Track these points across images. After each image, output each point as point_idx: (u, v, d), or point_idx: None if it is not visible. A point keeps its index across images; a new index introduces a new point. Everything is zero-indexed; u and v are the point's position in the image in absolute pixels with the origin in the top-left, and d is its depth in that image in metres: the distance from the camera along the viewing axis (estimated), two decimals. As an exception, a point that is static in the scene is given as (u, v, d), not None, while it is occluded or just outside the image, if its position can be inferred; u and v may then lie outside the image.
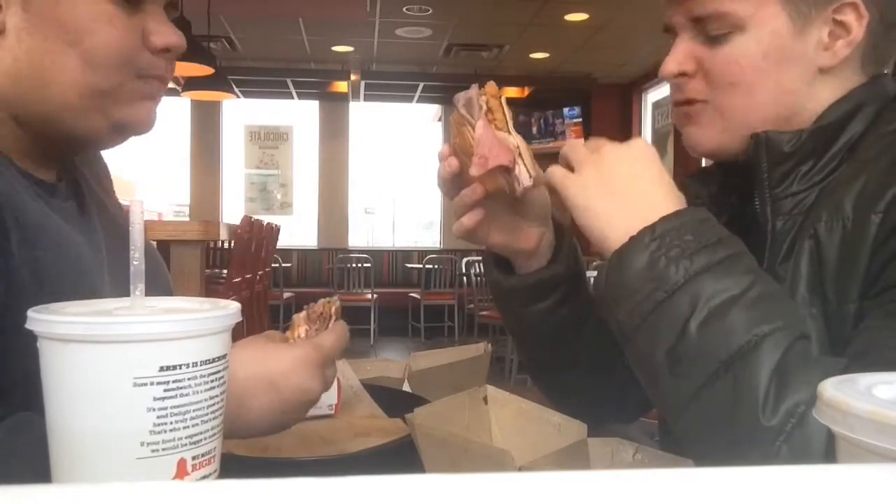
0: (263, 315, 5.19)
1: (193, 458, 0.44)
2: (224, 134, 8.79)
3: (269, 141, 8.74)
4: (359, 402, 0.99)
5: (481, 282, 7.03)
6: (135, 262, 0.45)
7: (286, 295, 7.69)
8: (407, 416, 0.72)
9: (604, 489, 0.22)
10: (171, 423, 0.43)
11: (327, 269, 8.33)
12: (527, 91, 8.20)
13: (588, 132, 8.29)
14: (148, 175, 8.63)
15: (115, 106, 0.75)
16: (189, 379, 0.43)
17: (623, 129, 8.26)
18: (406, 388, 1.07)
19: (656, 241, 0.65)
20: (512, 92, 8.31)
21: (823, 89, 0.77)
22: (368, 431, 0.91)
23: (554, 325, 0.87)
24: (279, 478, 0.21)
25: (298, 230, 8.73)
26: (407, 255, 8.94)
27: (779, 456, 0.58)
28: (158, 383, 0.42)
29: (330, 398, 0.96)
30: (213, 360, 0.45)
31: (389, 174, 9.73)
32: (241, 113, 8.85)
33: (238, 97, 7.65)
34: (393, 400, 0.97)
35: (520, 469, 0.62)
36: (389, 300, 8.08)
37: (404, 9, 6.02)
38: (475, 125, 0.72)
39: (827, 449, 0.56)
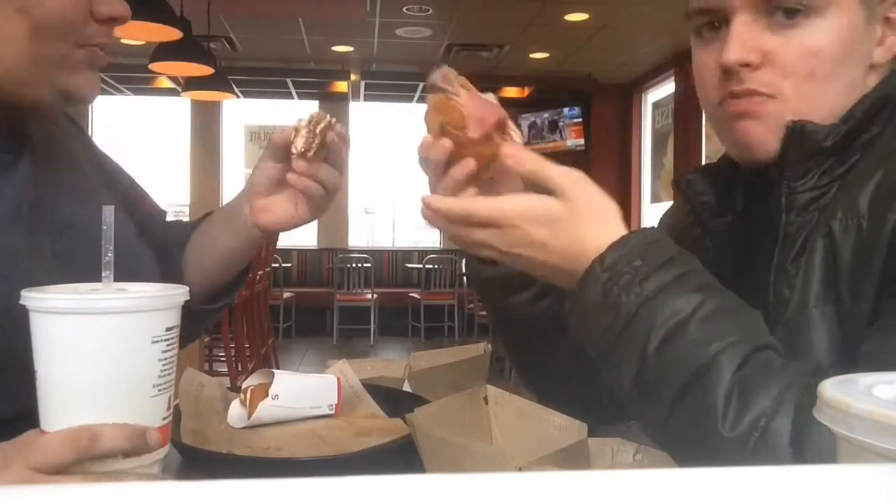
0: (263, 315, 5.18)
1: (171, 396, 0.62)
2: (224, 134, 8.78)
3: (268, 141, 8.72)
4: (359, 401, 0.99)
5: (481, 282, 7.02)
6: (107, 256, 0.60)
7: (286, 295, 7.69)
8: (407, 416, 0.72)
9: (604, 489, 0.22)
10: (168, 370, 0.60)
11: (327, 268, 8.33)
12: (527, 91, 8.20)
13: (588, 132, 8.29)
14: (148, 175, 8.62)
15: (59, 74, 0.76)
16: (174, 337, 0.61)
17: (623, 129, 8.27)
18: (406, 388, 1.07)
19: (606, 271, 0.65)
20: (512, 92, 8.31)
21: (868, 86, 0.74)
22: (369, 431, 0.91)
23: (534, 320, 0.85)
24: (279, 478, 0.21)
25: (298, 230, 8.68)
26: (407, 255, 8.93)
27: (749, 465, 0.58)
28: (164, 340, 0.59)
29: (330, 398, 0.96)
30: (178, 325, 0.62)
31: (389, 174, 9.73)
32: (241, 113, 8.85)
33: (238, 97, 7.65)
34: (393, 400, 0.97)
35: (520, 469, 0.62)
36: (389, 300, 8.07)
37: (404, 9, 6.02)
38: (460, 95, 0.72)
39: (793, 457, 0.57)
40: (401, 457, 0.76)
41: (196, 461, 0.81)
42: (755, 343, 0.62)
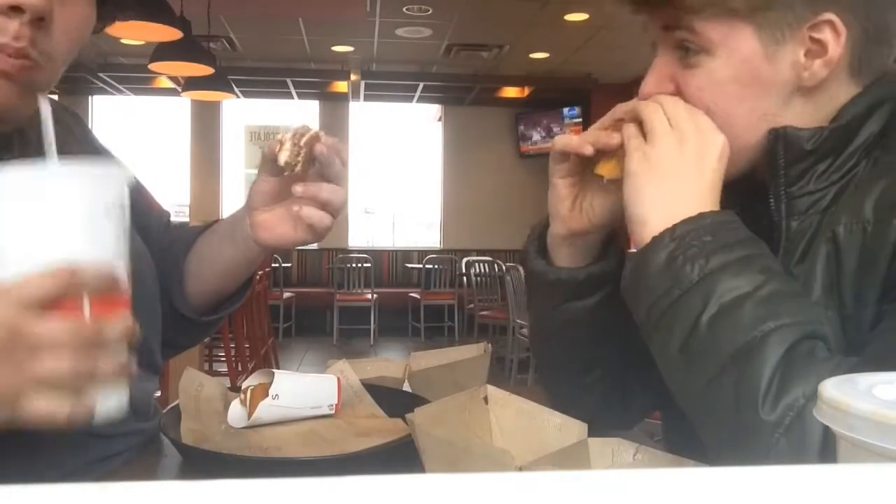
0: (263, 315, 5.19)
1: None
2: (224, 134, 8.79)
3: (269, 141, 8.71)
4: (359, 401, 0.99)
5: (481, 282, 7.03)
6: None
7: (286, 295, 7.69)
8: (407, 416, 0.72)
9: (604, 489, 0.22)
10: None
11: (327, 269, 8.32)
12: (527, 91, 8.19)
13: (588, 132, 8.28)
14: (148, 175, 8.62)
15: None
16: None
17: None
18: (406, 387, 1.07)
19: (675, 241, 0.67)
20: (512, 92, 8.31)
21: (805, 107, 0.74)
22: (369, 431, 0.91)
23: (588, 326, 0.86)
24: (279, 478, 0.21)
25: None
26: (407, 255, 8.93)
27: (777, 448, 0.59)
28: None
29: (330, 398, 0.96)
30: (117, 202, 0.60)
31: (389, 174, 9.73)
32: (241, 113, 8.85)
33: (238, 97, 7.64)
34: (393, 400, 0.97)
35: (520, 469, 0.62)
36: (389, 300, 8.07)
37: (404, 9, 6.02)
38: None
39: (823, 441, 0.58)
40: (402, 457, 0.76)
41: (197, 461, 0.81)
42: (807, 329, 0.63)
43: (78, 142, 0.92)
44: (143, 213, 0.98)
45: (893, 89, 0.74)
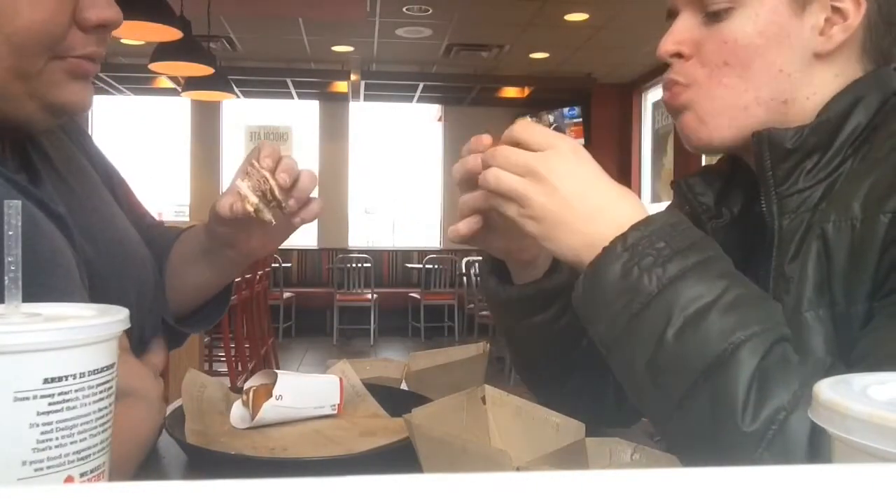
0: (263, 315, 5.19)
1: (81, 474, 0.41)
2: (224, 134, 8.79)
3: (269, 141, 8.74)
4: (361, 401, 1.00)
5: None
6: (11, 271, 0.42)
7: (286, 295, 7.69)
8: (404, 417, 0.73)
9: (602, 489, 0.22)
10: (57, 438, 0.39)
11: (327, 268, 8.33)
12: (527, 91, 8.20)
13: (588, 132, 8.29)
14: (148, 175, 8.62)
15: (44, 88, 0.71)
16: (77, 391, 0.40)
17: (623, 129, 8.26)
18: (404, 388, 1.07)
19: (628, 251, 0.64)
20: (512, 92, 8.31)
21: (819, 76, 0.75)
22: (373, 431, 0.91)
23: (553, 336, 0.85)
24: (279, 477, 0.21)
25: (299, 230, 8.70)
26: (407, 255, 8.93)
27: (761, 462, 0.57)
28: (42, 397, 0.39)
29: (333, 398, 0.96)
30: (102, 370, 0.42)
31: (389, 174, 9.73)
32: (241, 113, 8.84)
33: (238, 97, 7.65)
34: (394, 399, 0.97)
35: (518, 469, 0.62)
36: (389, 300, 8.07)
37: (404, 9, 6.02)
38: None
39: (808, 453, 0.57)
40: (410, 456, 0.76)
41: (203, 462, 0.81)
42: (776, 334, 0.61)
43: (78, 151, 0.92)
44: (130, 215, 0.97)
45: (877, 84, 0.75)
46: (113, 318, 0.42)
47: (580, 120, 8.32)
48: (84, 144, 0.97)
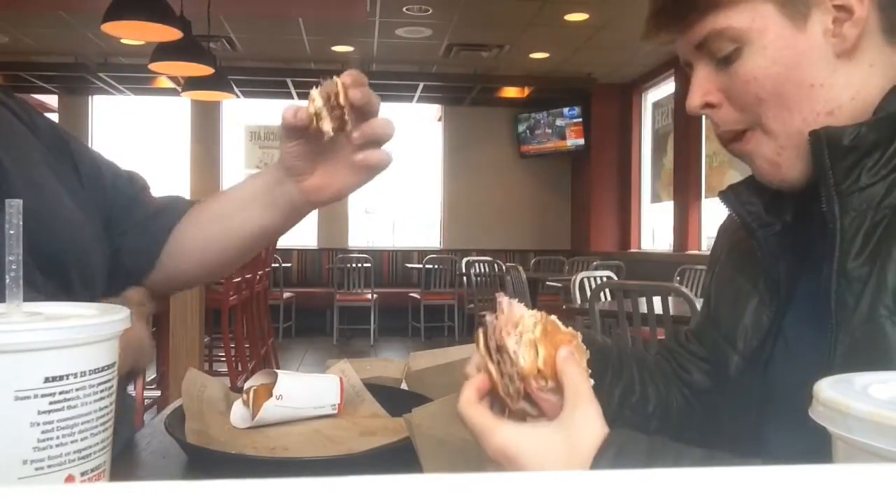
0: (263, 315, 5.18)
1: (82, 473, 0.41)
2: (224, 134, 8.79)
3: (269, 141, 8.74)
4: (361, 401, 1.00)
5: (481, 282, 7.03)
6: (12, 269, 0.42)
7: (286, 295, 7.69)
8: (405, 416, 0.73)
9: (602, 489, 0.22)
10: (58, 437, 0.39)
11: (327, 268, 8.33)
12: (527, 91, 8.20)
13: (588, 132, 8.29)
14: (148, 175, 8.61)
15: None
16: (77, 390, 0.40)
17: (623, 129, 8.26)
18: (404, 388, 1.07)
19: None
20: (512, 92, 8.31)
21: (853, 74, 0.74)
22: (373, 431, 0.91)
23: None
24: (279, 477, 0.21)
25: (298, 230, 8.68)
26: (407, 255, 8.93)
27: None
28: (43, 395, 0.39)
29: (333, 398, 0.96)
30: (103, 369, 0.42)
31: (389, 174, 9.71)
32: (241, 113, 8.85)
33: (238, 97, 7.65)
34: (394, 399, 0.97)
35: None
36: (389, 300, 8.07)
37: (404, 9, 6.02)
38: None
39: None
40: (409, 456, 0.76)
41: (203, 461, 0.81)
42: None
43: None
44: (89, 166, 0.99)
45: None
46: (114, 318, 0.42)
47: (580, 120, 8.32)
48: (31, 119, 0.97)
